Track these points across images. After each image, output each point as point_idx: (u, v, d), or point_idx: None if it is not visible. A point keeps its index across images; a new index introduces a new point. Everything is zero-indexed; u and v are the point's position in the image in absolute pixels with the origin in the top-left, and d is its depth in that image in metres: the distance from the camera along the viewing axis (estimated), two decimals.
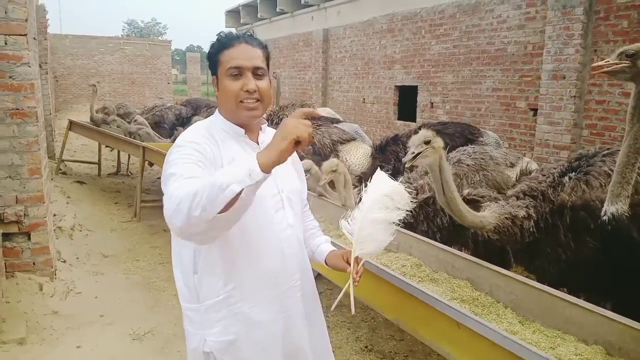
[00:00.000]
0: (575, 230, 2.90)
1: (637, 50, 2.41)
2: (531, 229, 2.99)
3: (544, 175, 3.27)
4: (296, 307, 1.74)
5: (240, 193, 1.29)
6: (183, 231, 1.36)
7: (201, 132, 1.66)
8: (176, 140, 1.64)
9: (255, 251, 1.63)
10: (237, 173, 1.30)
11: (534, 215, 3.00)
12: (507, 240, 3.02)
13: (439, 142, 2.74)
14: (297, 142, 1.34)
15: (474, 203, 3.49)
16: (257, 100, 1.66)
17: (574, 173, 3.14)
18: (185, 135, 1.64)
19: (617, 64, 2.45)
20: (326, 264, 1.86)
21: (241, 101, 1.64)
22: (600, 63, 2.54)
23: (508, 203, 3.08)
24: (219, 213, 1.29)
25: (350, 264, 1.72)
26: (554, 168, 3.36)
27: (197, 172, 1.46)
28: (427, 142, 2.68)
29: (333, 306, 1.76)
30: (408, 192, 1.80)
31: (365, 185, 1.75)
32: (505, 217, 2.95)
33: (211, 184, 1.29)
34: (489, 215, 2.94)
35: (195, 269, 1.64)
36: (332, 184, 3.89)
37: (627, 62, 2.42)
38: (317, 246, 1.92)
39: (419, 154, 2.70)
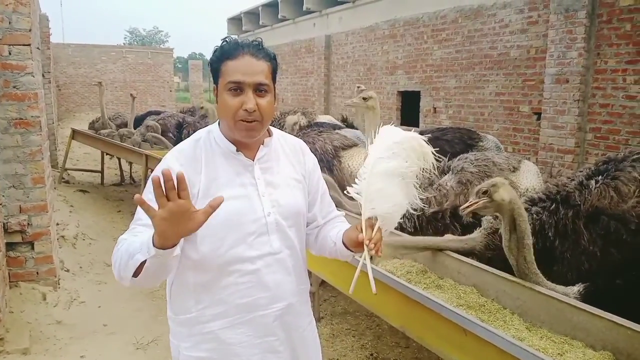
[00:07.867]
0: (605, 239, 2.76)
1: (488, 187, 2.50)
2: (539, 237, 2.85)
3: (569, 179, 3.15)
4: (277, 334, 1.60)
5: (145, 262, 1.31)
6: (125, 286, 1.47)
7: (186, 151, 1.58)
8: (162, 159, 1.61)
9: (227, 278, 1.53)
10: (143, 243, 1.32)
11: (537, 223, 2.88)
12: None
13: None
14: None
15: None
16: (256, 121, 1.51)
17: (601, 177, 3.01)
18: (168, 157, 1.58)
19: (477, 202, 2.54)
20: (345, 246, 1.61)
21: (240, 120, 1.50)
22: (465, 205, 2.62)
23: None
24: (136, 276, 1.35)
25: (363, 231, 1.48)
26: (580, 171, 3.24)
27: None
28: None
29: (351, 289, 1.52)
30: (421, 197, 1.57)
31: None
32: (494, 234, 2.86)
33: (126, 250, 1.36)
34: (477, 236, 2.88)
35: (172, 281, 1.61)
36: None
37: (485, 198, 2.51)
38: (337, 234, 1.66)
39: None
